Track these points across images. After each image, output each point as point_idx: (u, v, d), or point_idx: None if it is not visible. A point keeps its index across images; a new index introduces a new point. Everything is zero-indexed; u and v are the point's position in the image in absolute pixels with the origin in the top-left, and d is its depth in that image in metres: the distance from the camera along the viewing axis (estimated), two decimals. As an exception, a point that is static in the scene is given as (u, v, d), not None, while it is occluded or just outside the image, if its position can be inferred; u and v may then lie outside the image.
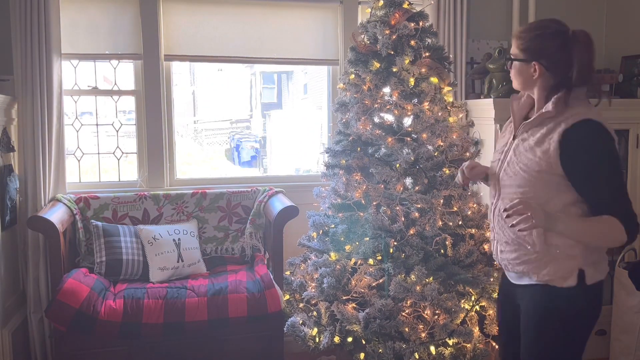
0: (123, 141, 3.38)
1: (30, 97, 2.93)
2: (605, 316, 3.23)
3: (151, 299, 2.65)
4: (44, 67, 2.94)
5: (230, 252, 3.28)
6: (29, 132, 2.95)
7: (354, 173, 2.57)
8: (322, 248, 2.65)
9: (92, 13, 3.19)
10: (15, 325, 2.86)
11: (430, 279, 2.38)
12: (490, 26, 3.66)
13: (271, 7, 3.40)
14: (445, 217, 2.43)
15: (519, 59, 1.85)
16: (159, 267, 2.94)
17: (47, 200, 3.01)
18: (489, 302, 2.50)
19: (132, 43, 3.25)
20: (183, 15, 3.31)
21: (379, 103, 2.54)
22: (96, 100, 3.35)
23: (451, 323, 2.34)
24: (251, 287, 2.78)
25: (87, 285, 2.65)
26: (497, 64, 3.16)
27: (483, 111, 3.15)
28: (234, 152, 9.01)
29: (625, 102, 3.27)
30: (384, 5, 2.60)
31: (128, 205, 3.15)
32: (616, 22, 3.74)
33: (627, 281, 3.02)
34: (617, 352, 3.11)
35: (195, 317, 2.63)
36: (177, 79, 3.42)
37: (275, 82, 10.08)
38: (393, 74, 2.52)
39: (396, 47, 2.52)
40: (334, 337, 2.41)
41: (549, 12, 3.69)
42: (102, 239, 2.94)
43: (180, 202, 3.22)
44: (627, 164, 3.28)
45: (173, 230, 3.07)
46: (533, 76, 1.82)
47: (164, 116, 3.32)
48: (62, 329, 2.56)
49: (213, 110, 10.40)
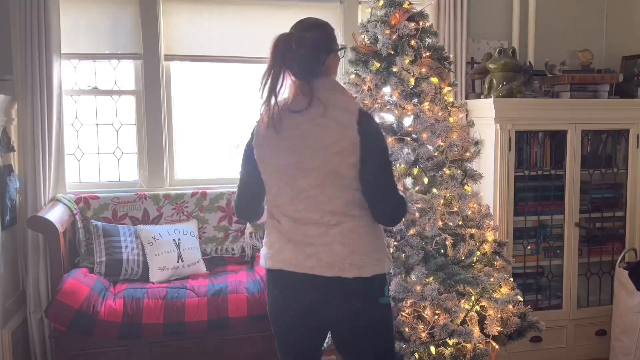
0: (123, 141, 3.38)
1: (30, 97, 2.93)
2: (605, 316, 3.24)
3: (151, 299, 2.65)
4: (44, 67, 2.94)
5: (230, 252, 3.28)
6: (29, 132, 2.95)
7: (354, 173, 2.57)
8: (322, 248, 2.64)
9: (92, 13, 3.19)
10: (15, 325, 2.86)
11: (430, 279, 2.38)
12: (490, 26, 3.66)
13: (271, 7, 3.40)
14: (445, 217, 2.43)
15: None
16: (158, 267, 2.93)
17: (47, 200, 3.00)
18: (489, 302, 2.50)
19: (132, 43, 3.25)
20: (183, 15, 3.31)
21: (379, 103, 2.54)
22: (96, 100, 3.35)
23: (451, 323, 2.33)
24: (251, 287, 2.77)
25: (87, 285, 2.64)
26: (497, 64, 3.16)
27: (483, 111, 3.15)
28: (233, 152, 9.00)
29: (625, 102, 3.27)
30: (384, 5, 2.60)
31: (128, 205, 3.15)
32: (616, 22, 3.74)
33: (627, 281, 3.02)
34: (617, 353, 3.10)
35: (195, 317, 2.63)
36: (176, 78, 3.41)
37: (275, 82, 10.06)
38: (393, 74, 2.52)
39: (396, 47, 2.52)
40: (334, 337, 2.41)
41: (549, 12, 3.69)
42: (102, 239, 2.93)
43: (180, 202, 3.22)
44: (627, 164, 3.28)
45: (173, 230, 3.07)
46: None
47: (164, 116, 3.32)
48: (62, 329, 2.56)
49: (213, 110, 10.38)
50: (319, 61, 1.75)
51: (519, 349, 3.03)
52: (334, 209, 1.70)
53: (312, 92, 1.69)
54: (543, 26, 3.67)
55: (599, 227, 3.31)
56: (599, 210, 3.31)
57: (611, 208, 3.31)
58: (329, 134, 1.66)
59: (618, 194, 3.36)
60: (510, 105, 3.08)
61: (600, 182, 3.32)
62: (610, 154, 3.36)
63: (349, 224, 1.72)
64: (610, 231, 3.35)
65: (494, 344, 2.50)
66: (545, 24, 3.68)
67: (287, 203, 1.74)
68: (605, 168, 3.32)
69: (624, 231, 3.32)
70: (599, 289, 3.38)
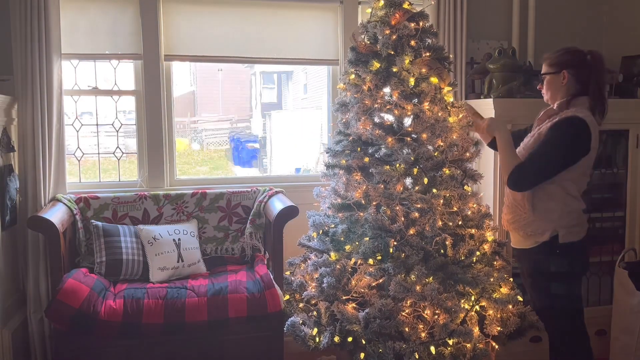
0: (123, 141, 3.38)
1: (30, 97, 2.93)
2: (605, 316, 3.24)
3: (151, 299, 2.65)
4: (44, 67, 2.94)
5: (230, 252, 3.28)
6: (29, 132, 2.95)
7: (354, 173, 2.57)
8: (322, 248, 2.65)
9: (92, 13, 3.19)
10: (15, 325, 2.86)
11: (430, 278, 2.38)
12: (490, 26, 3.66)
13: (271, 7, 3.40)
14: (445, 217, 2.43)
15: (549, 72, 2.43)
16: (159, 267, 2.94)
17: (47, 200, 3.01)
18: (489, 302, 2.50)
19: (132, 43, 3.25)
20: (183, 15, 3.31)
21: (379, 103, 2.54)
22: (96, 100, 3.35)
23: (451, 323, 2.34)
24: (251, 287, 2.78)
25: (87, 285, 2.64)
26: (497, 64, 3.16)
27: (483, 111, 3.15)
28: (234, 152, 9.01)
29: (625, 102, 3.27)
30: (384, 6, 2.60)
31: (128, 205, 3.15)
32: (616, 22, 3.74)
33: (627, 281, 3.02)
34: (617, 352, 3.11)
35: (195, 317, 2.63)
36: (177, 79, 3.41)
37: (275, 82, 10.08)
38: (393, 74, 2.52)
39: (396, 47, 2.52)
40: (334, 337, 2.41)
41: (549, 12, 3.69)
42: (102, 239, 2.94)
43: (180, 202, 3.22)
44: (627, 164, 3.28)
45: (173, 230, 3.07)
46: (562, 83, 2.40)
47: (164, 116, 3.32)
48: (62, 328, 2.56)
49: (213, 110, 10.40)
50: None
51: (519, 349, 3.03)
52: None
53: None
54: (543, 26, 3.67)
55: (599, 227, 3.32)
56: (599, 210, 3.31)
57: (611, 208, 3.32)
58: None
59: (618, 194, 3.36)
60: (510, 105, 3.08)
61: (600, 182, 3.32)
62: (609, 154, 3.36)
63: None
64: (610, 231, 3.35)
65: (494, 344, 2.50)
66: (545, 24, 3.68)
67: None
68: (605, 168, 3.32)
69: (623, 231, 3.33)
70: (598, 288, 3.39)
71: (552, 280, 2.42)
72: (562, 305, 2.43)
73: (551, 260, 2.40)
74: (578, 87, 2.39)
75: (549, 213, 2.39)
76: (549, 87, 2.46)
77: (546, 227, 2.40)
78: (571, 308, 2.45)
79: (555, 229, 2.39)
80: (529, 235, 2.45)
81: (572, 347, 2.48)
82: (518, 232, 2.50)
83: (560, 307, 2.43)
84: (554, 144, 2.32)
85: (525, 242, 2.49)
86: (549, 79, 2.45)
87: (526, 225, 2.45)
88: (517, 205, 2.47)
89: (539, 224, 2.41)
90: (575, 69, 2.38)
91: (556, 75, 2.42)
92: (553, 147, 2.32)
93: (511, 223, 2.53)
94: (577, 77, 2.38)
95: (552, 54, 2.46)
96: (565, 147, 2.32)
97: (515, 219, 2.50)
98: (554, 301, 2.44)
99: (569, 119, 2.31)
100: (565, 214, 2.39)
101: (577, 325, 2.48)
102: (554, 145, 2.32)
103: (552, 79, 2.44)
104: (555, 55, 2.45)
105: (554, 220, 2.39)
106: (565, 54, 2.42)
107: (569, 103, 2.37)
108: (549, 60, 2.46)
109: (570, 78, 2.38)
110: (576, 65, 2.38)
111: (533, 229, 2.43)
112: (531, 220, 2.43)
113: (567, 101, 2.38)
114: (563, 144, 2.31)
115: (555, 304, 2.44)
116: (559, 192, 2.38)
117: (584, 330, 2.49)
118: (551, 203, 2.39)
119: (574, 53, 2.42)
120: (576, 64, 2.38)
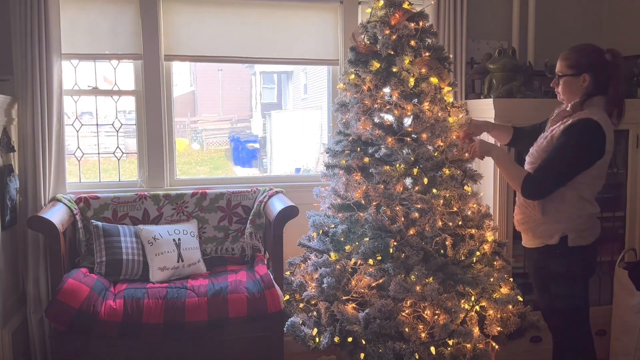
0: (123, 141, 3.38)
1: (30, 97, 2.93)
2: (605, 316, 3.24)
3: (151, 299, 2.65)
4: (44, 67, 2.94)
5: (230, 252, 3.28)
6: (29, 132, 2.95)
7: (354, 173, 2.57)
8: (322, 248, 2.65)
9: (92, 13, 3.19)
10: (15, 325, 2.86)
11: (430, 279, 2.38)
12: (490, 26, 3.66)
13: (271, 7, 3.40)
14: (445, 217, 2.43)
15: (569, 74, 2.33)
16: (159, 267, 2.94)
17: (47, 200, 3.01)
18: (489, 302, 2.50)
19: (132, 43, 3.25)
20: (183, 15, 3.31)
21: (379, 103, 2.54)
22: (96, 100, 3.35)
23: (451, 323, 2.34)
24: (251, 287, 2.78)
25: (87, 285, 2.65)
26: (497, 64, 3.16)
27: (483, 111, 3.15)
28: (234, 152, 9.00)
29: (625, 102, 3.26)
30: (384, 6, 2.60)
31: (128, 205, 3.15)
32: (616, 22, 3.74)
33: (627, 281, 3.02)
34: (617, 352, 3.11)
35: (195, 317, 2.63)
36: (177, 79, 3.41)
37: (275, 82, 10.07)
38: (393, 74, 2.52)
39: (396, 47, 2.52)
40: (334, 337, 2.41)
41: (549, 12, 3.69)
42: (102, 239, 2.94)
43: (180, 202, 3.22)
44: (627, 164, 3.28)
45: (173, 230, 3.07)
46: (581, 86, 2.31)
47: (164, 116, 3.32)
48: (62, 329, 2.56)
49: (213, 110, 10.39)
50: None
51: (519, 349, 3.03)
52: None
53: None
54: (543, 26, 3.67)
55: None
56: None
57: (611, 208, 3.31)
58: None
59: (618, 194, 3.36)
60: (510, 105, 3.08)
61: (600, 182, 3.32)
62: (609, 154, 3.36)
63: None
64: (610, 231, 3.35)
65: (494, 344, 2.50)
66: (545, 24, 3.68)
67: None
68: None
69: (623, 231, 3.32)
70: (598, 288, 3.38)
71: (558, 281, 2.41)
72: (566, 306, 2.42)
73: (558, 263, 2.38)
74: (594, 87, 2.30)
75: (558, 216, 2.36)
76: (567, 88, 2.35)
77: (555, 229, 2.37)
78: (576, 310, 2.43)
79: (564, 232, 2.35)
80: (538, 236, 2.43)
81: (576, 348, 2.47)
82: (527, 232, 2.49)
83: (565, 308, 2.42)
84: (567, 149, 2.25)
85: (535, 242, 2.47)
86: (567, 80, 2.34)
87: (535, 226, 2.43)
88: (527, 206, 2.45)
89: (548, 226, 2.38)
90: (595, 71, 2.29)
91: (575, 78, 2.32)
92: (567, 152, 2.26)
93: (521, 224, 2.51)
94: (596, 78, 2.29)
95: (571, 54, 2.35)
96: (579, 152, 2.26)
97: (525, 220, 2.48)
98: (559, 302, 2.43)
99: (583, 122, 2.25)
100: (575, 217, 2.35)
101: (581, 328, 2.46)
102: (567, 151, 2.26)
103: (570, 81, 2.33)
104: (575, 55, 2.33)
105: (563, 223, 2.35)
106: (586, 56, 2.31)
107: (583, 104, 2.30)
108: (568, 61, 2.34)
109: (590, 81, 2.30)
110: (596, 67, 2.29)
111: (542, 231, 2.41)
112: (540, 222, 2.40)
113: (581, 102, 2.31)
114: (577, 149, 2.26)
115: (561, 305, 2.43)
116: (572, 195, 2.33)
117: (588, 331, 2.48)
118: (562, 206, 2.34)
119: (595, 54, 2.32)
120: (596, 66, 2.29)
